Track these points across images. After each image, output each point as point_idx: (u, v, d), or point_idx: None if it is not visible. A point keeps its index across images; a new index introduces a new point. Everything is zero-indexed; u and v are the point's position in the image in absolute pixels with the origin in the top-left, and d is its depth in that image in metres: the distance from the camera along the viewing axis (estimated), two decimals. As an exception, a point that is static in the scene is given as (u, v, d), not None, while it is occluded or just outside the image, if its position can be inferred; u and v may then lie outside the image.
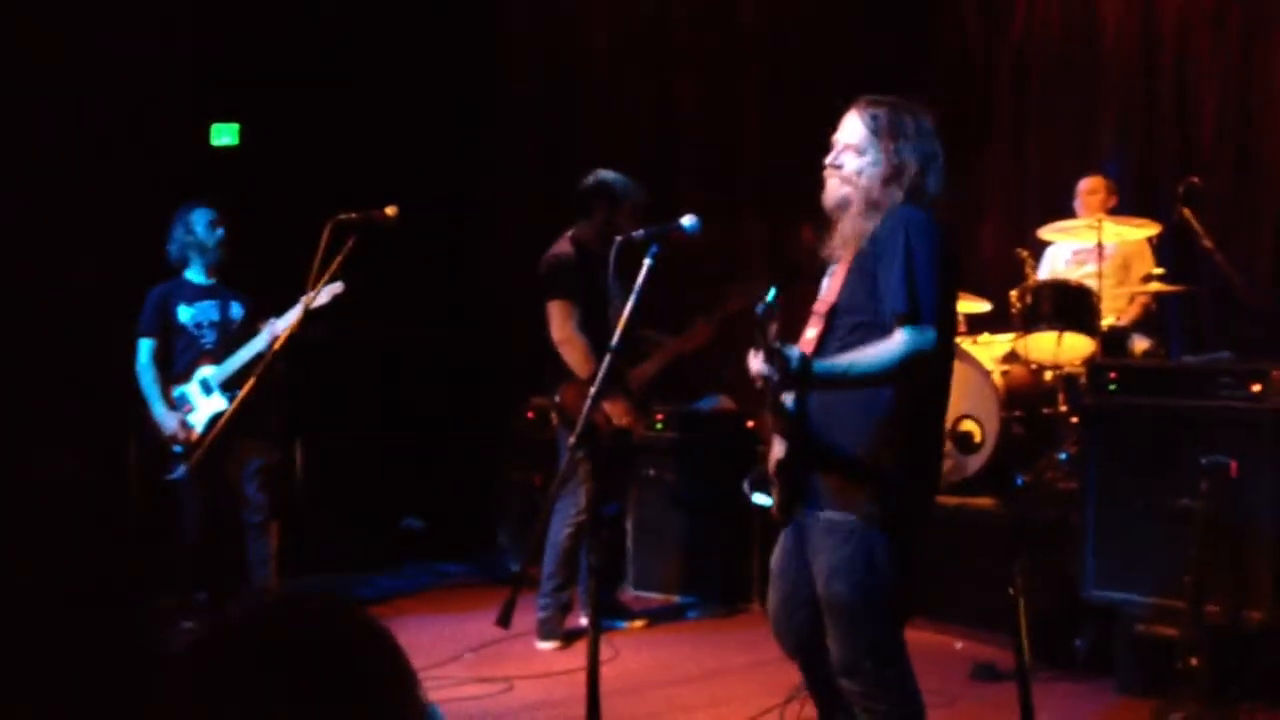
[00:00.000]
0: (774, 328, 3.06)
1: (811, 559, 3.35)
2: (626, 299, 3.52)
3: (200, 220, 5.98)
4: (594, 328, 5.71)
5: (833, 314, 3.34)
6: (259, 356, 5.53)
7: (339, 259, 4.60)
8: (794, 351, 3.15)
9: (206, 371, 5.83)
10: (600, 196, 5.89)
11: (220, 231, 6.00)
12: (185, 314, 5.94)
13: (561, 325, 5.72)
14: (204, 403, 5.79)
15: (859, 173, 3.37)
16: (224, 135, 7.75)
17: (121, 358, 5.92)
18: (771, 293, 3.04)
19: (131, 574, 4.05)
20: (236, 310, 5.99)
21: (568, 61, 9.07)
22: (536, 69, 9.15)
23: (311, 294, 4.78)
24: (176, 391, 5.86)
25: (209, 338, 5.91)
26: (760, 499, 3.52)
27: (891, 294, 3.16)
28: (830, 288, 3.37)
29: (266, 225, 6.58)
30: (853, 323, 3.28)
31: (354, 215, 4.63)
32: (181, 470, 5.66)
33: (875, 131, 3.39)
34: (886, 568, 3.25)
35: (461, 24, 8.67)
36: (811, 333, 3.37)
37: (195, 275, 6.02)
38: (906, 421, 3.26)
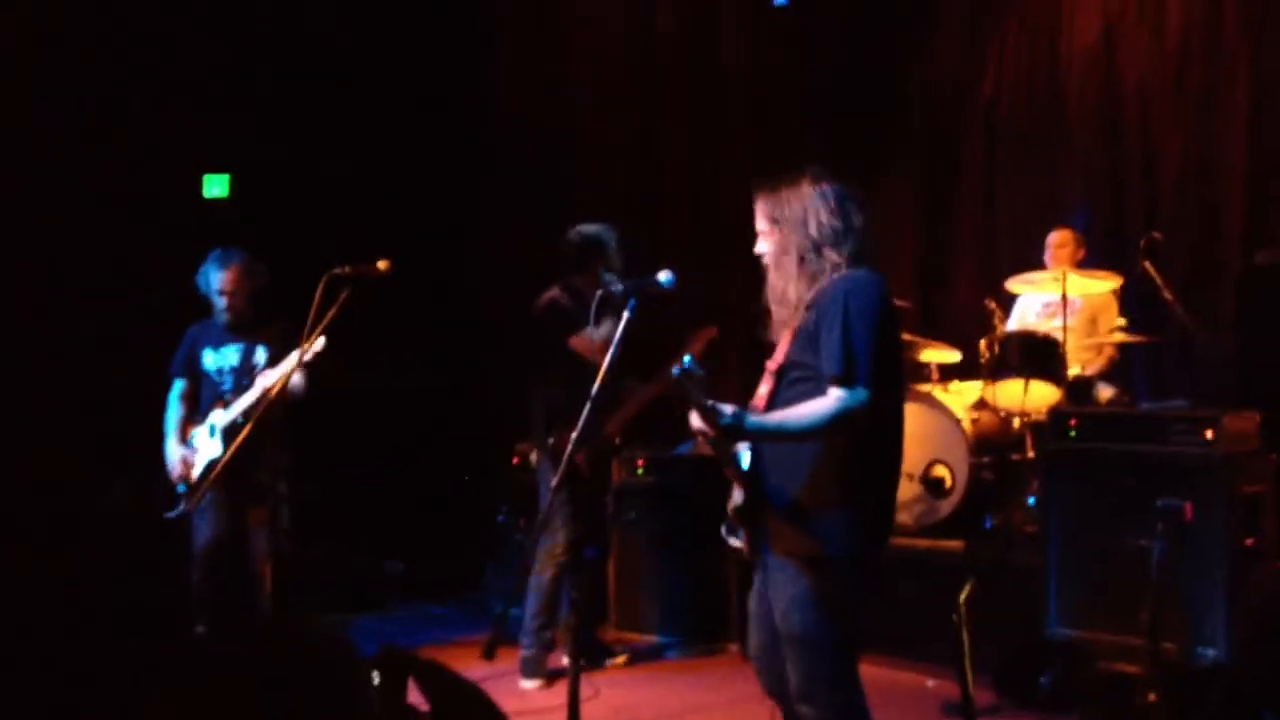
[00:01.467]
0: (699, 387, 3.29)
1: (770, 596, 3.56)
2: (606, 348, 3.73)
3: (226, 268, 5.97)
4: (584, 375, 5.89)
5: (781, 372, 3.57)
6: (253, 406, 5.63)
7: (332, 312, 4.72)
8: (726, 409, 3.37)
9: (215, 417, 5.87)
10: (591, 251, 6.09)
11: (247, 282, 5.99)
12: (209, 359, 5.99)
13: (591, 345, 5.88)
14: (206, 446, 5.86)
15: (776, 254, 3.60)
16: (215, 186, 7.89)
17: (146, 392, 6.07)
18: (686, 359, 3.29)
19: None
20: (260, 356, 5.94)
21: (556, 114, 9.27)
22: (525, 122, 9.33)
23: (305, 346, 4.89)
24: (192, 432, 5.95)
25: (227, 384, 5.93)
26: (734, 541, 3.72)
27: (828, 357, 3.40)
28: (780, 348, 3.59)
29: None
30: (797, 377, 3.50)
31: (347, 269, 4.76)
32: (179, 509, 5.76)
33: (776, 216, 3.61)
34: (834, 603, 3.46)
35: (450, 78, 8.89)
36: (764, 389, 3.60)
37: (221, 319, 6.04)
38: (851, 467, 3.47)
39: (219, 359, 6.00)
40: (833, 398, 3.38)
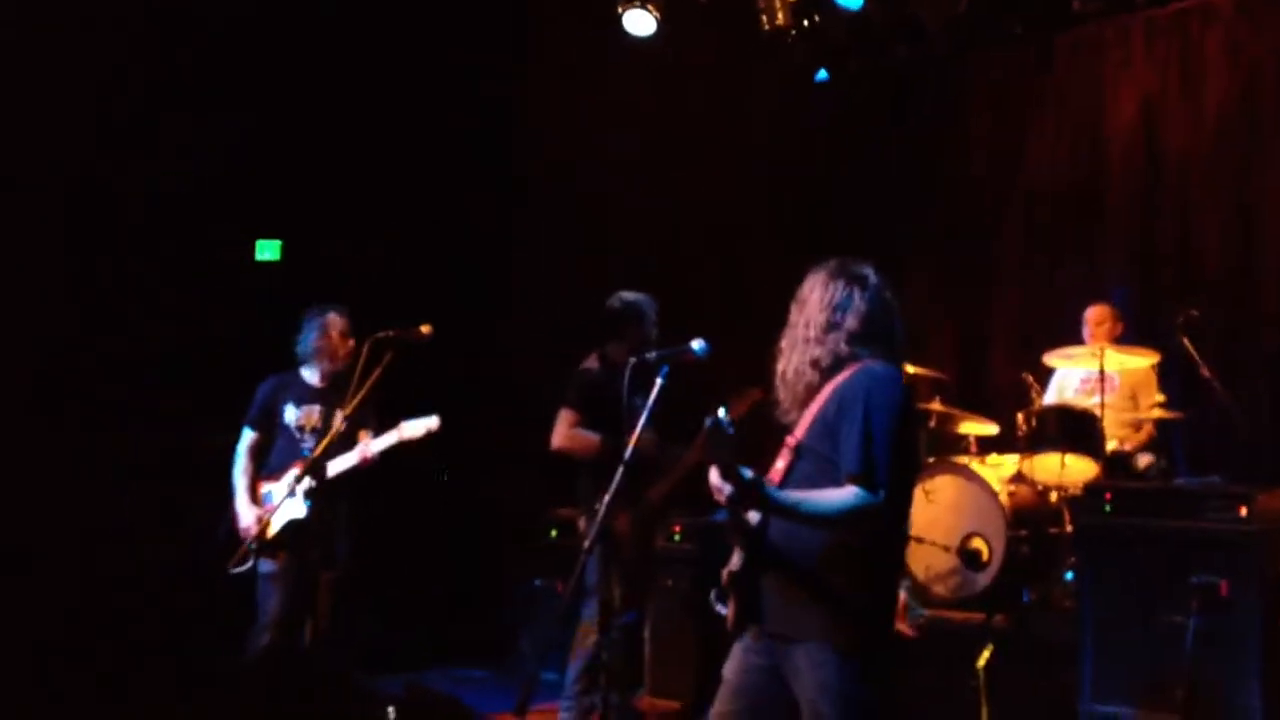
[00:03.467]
0: (726, 444, 3.30)
1: (793, 683, 3.52)
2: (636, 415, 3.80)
3: (335, 325, 6.02)
4: (617, 443, 5.96)
5: (799, 450, 3.58)
6: (347, 472, 5.62)
7: (376, 374, 4.82)
8: (748, 471, 3.37)
9: (297, 476, 5.76)
10: (629, 318, 6.18)
11: (350, 342, 6.04)
12: (291, 414, 6.00)
13: (559, 432, 5.95)
14: (287, 505, 5.75)
15: (799, 334, 3.64)
16: (266, 251, 8.05)
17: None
18: (722, 411, 3.30)
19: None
20: (339, 419, 5.81)
21: (587, 185, 9.37)
22: (556, 183, 9.44)
23: (350, 408, 4.96)
24: (265, 489, 5.93)
25: (309, 443, 5.92)
26: (720, 609, 3.68)
27: (848, 456, 3.41)
28: (800, 427, 3.61)
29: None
30: (816, 457, 3.52)
31: (391, 333, 4.88)
32: (247, 565, 5.65)
33: (805, 297, 3.66)
34: (867, 688, 3.45)
35: (487, 149, 9.01)
36: (780, 464, 3.62)
37: (310, 375, 6.08)
38: (870, 558, 3.48)
39: (300, 415, 6.01)
40: (850, 493, 3.39)
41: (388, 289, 7.62)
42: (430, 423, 5.50)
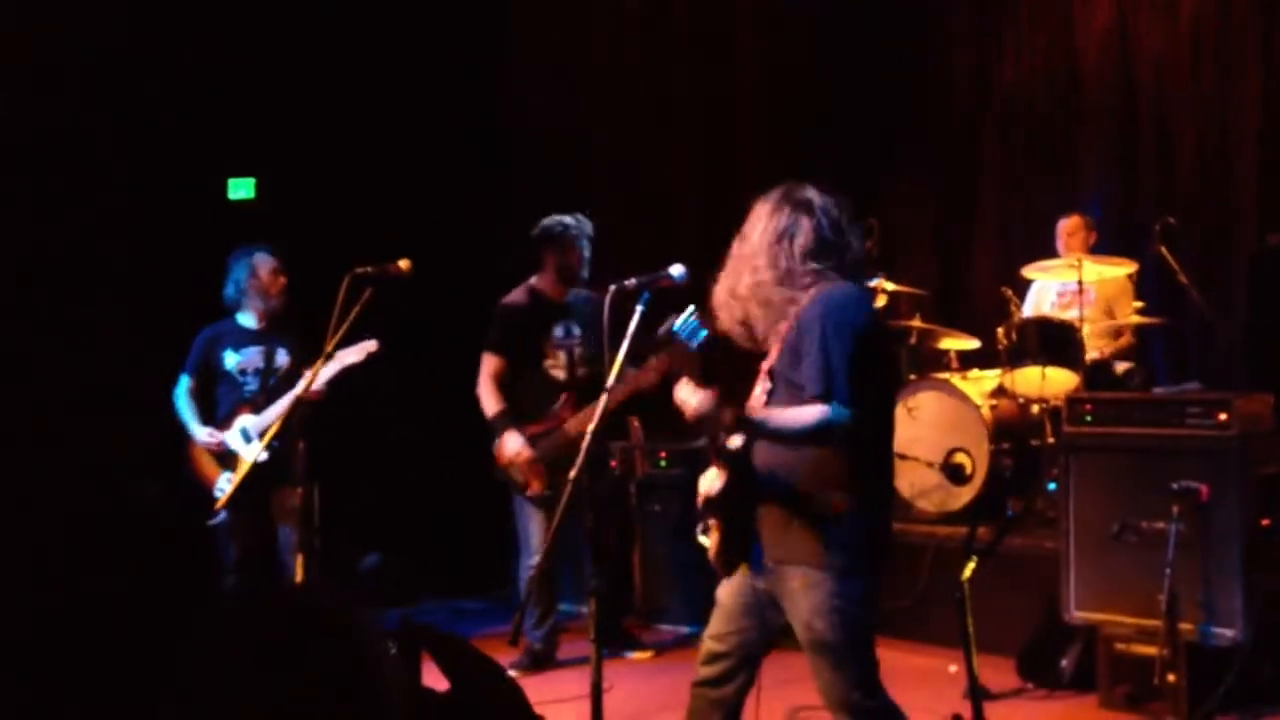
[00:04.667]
0: (692, 359, 3.37)
1: (786, 605, 3.58)
2: (619, 344, 3.81)
3: (264, 265, 6.04)
4: (529, 376, 5.99)
5: (772, 375, 3.65)
6: (294, 407, 5.60)
7: (356, 311, 4.81)
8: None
9: (246, 420, 5.89)
10: (547, 244, 6.13)
11: (282, 280, 6.08)
12: (231, 360, 6.02)
13: (479, 381, 6.05)
14: (243, 449, 5.86)
15: (759, 262, 3.65)
16: (241, 189, 7.99)
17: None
18: (690, 310, 3.32)
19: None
20: (282, 357, 6.04)
21: (571, 114, 9.33)
22: (542, 124, 9.39)
23: (331, 344, 4.95)
24: (220, 437, 5.96)
25: (251, 385, 5.98)
26: (704, 540, 3.74)
27: (809, 378, 3.46)
28: (772, 352, 3.66)
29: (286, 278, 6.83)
30: (787, 384, 3.57)
31: (370, 269, 4.86)
32: (221, 516, 5.74)
33: (760, 226, 3.69)
34: (860, 606, 3.53)
35: (470, 79, 8.92)
36: (759, 389, 3.69)
37: (246, 320, 6.10)
38: (852, 476, 3.52)
39: (241, 359, 6.03)
40: (816, 409, 3.44)
41: (371, 225, 7.58)
42: (368, 345, 5.51)
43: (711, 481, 3.63)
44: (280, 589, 5.71)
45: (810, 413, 3.45)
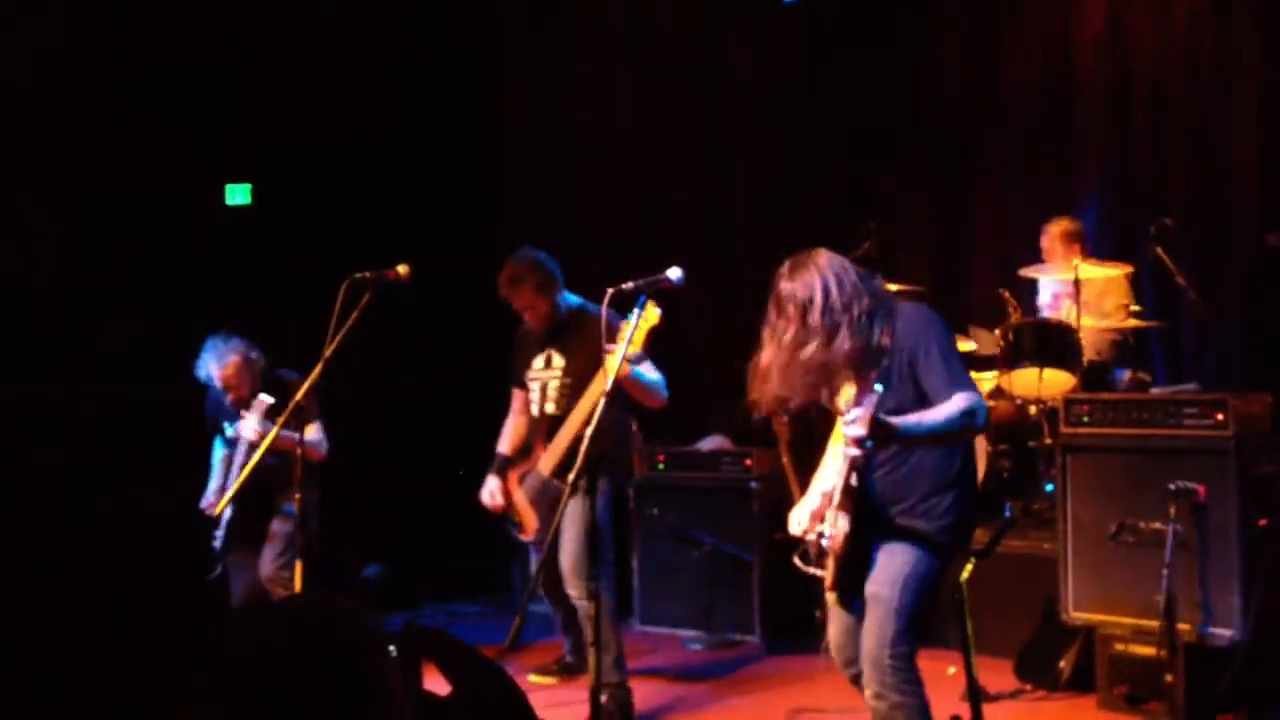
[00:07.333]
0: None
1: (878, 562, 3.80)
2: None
3: (215, 364, 6.05)
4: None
5: (879, 396, 3.60)
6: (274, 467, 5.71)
7: (354, 316, 4.80)
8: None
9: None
10: (514, 282, 6.01)
11: (255, 369, 6.08)
12: (229, 431, 6.10)
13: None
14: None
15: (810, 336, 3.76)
16: (237, 195, 8.00)
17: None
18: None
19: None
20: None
21: (563, 118, 9.33)
22: (534, 129, 9.39)
23: (330, 349, 4.91)
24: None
25: (241, 458, 5.96)
26: (815, 570, 3.88)
27: (942, 380, 3.69)
28: (868, 380, 3.65)
29: (280, 283, 6.84)
30: (909, 400, 3.73)
31: (368, 274, 4.85)
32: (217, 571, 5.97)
33: (797, 299, 3.78)
34: (929, 583, 3.79)
35: (460, 88, 8.93)
36: (866, 408, 3.58)
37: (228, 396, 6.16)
38: (960, 465, 3.87)
39: (233, 431, 6.06)
40: (959, 398, 3.63)
41: (369, 229, 7.59)
42: (268, 399, 5.72)
43: (839, 523, 3.71)
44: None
45: (955, 403, 3.63)
